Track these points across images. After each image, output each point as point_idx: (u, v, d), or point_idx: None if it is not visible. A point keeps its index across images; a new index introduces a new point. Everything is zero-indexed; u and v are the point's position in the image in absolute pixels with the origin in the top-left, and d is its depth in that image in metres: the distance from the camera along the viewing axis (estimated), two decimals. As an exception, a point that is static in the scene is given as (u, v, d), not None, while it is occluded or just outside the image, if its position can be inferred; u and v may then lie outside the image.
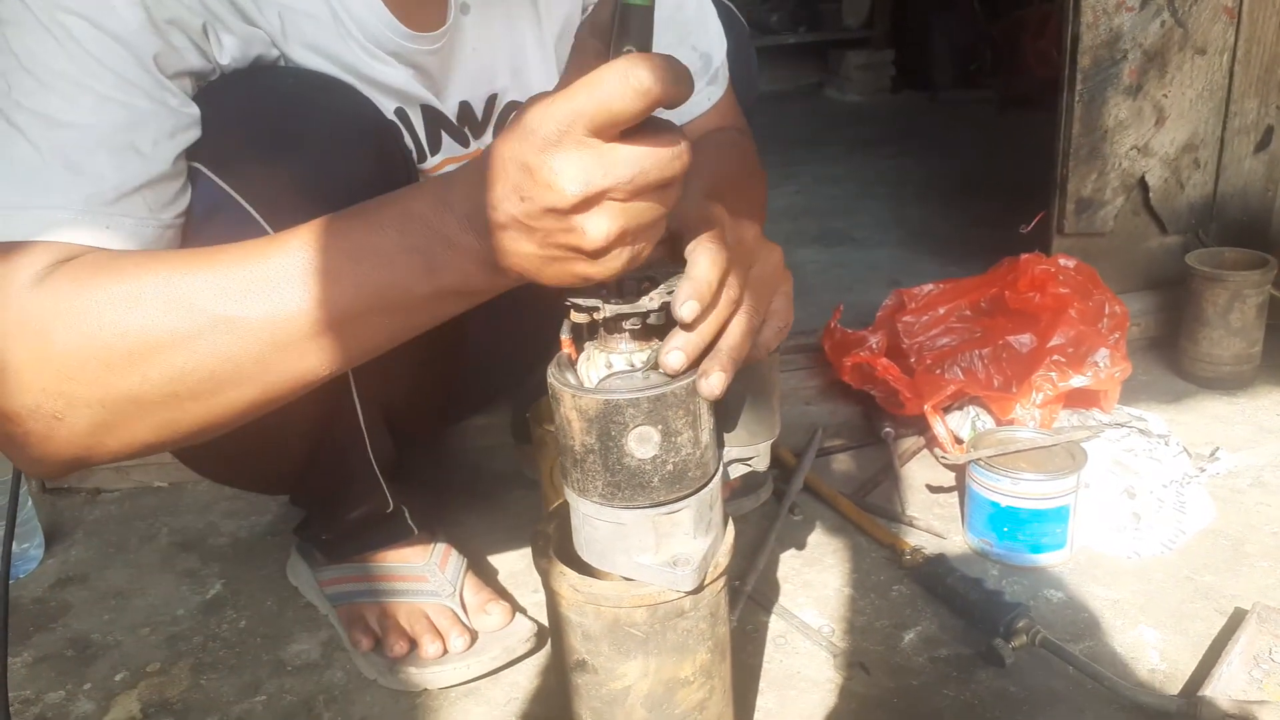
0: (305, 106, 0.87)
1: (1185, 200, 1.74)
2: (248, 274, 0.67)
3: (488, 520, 1.36)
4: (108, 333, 0.67)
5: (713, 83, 1.09)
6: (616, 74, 0.54)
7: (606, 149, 0.57)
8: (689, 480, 0.71)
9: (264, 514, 1.41)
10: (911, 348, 1.54)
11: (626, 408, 0.67)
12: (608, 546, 0.73)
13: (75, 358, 0.68)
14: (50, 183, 0.71)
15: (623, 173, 0.57)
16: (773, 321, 0.76)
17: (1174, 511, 1.24)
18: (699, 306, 0.64)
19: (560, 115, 0.56)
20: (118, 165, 0.72)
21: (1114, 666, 1.02)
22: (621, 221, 0.58)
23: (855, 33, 4.18)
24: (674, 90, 0.55)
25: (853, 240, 2.40)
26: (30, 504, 1.35)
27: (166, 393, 0.69)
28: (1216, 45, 1.65)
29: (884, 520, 1.29)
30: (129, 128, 0.73)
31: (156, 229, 0.75)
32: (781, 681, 1.04)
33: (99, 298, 0.67)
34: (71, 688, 1.10)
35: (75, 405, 0.69)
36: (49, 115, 0.71)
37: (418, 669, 1.06)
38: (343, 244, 0.66)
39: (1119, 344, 1.43)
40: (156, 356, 0.67)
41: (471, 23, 0.97)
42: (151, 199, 0.75)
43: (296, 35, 0.86)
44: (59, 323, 0.68)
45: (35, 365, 0.68)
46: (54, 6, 0.71)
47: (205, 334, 0.67)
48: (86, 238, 0.71)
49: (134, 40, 0.73)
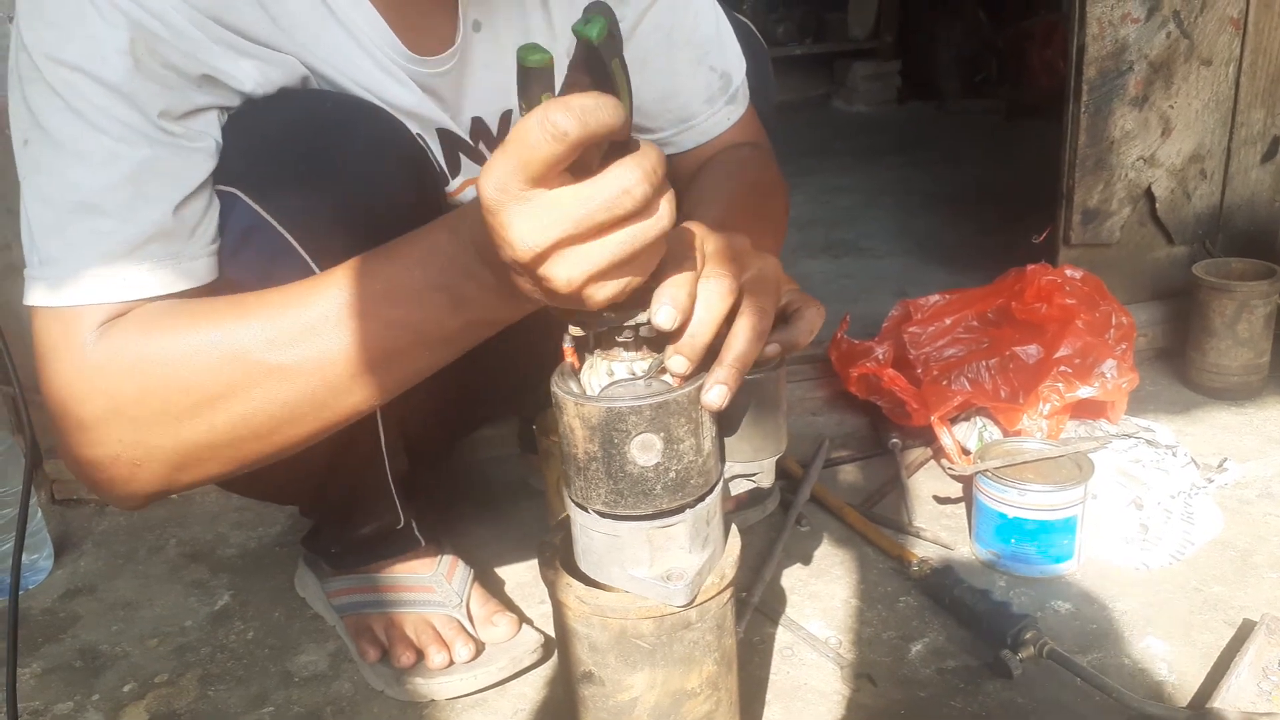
0: (342, 130, 0.86)
1: (1192, 211, 1.74)
2: (293, 322, 0.72)
3: (495, 531, 1.36)
4: (173, 389, 0.73)
5: (732, 102, 1.09)
6: (535, 122, 0.54)
7: (548, 198, 0.56)
8: (691, 488, 0.71)
9: (272, 525, 1.42)
10: (918, 358, 1.54)
11: (629, 415, 0.67)
12: (603, 558, 0.73)
13: (145, 412, 0.74)
14: (71, 243, 0.74)
15: (569, 217, 0.56)
16: (798, 324, 0.76)
17: (1182, 522, 1.23)
18: (674, 311, 0.64)
19: (498, 174, 0.56)
20: (129, 217, 0.75)
21: (1122, 678, 1.02)
22: (585, 265, 0.58)
23: (861, 44, 4.18)
24: (595, 125, 0.54)
25: (860, 250, 2.40)
26: (40, 515, 1.35)
27: (232, 436, 0.75)
28: (1222, 56, 1.65)
29: (891, 531, 1.29)
30: (139, 177, 0.75)
31: (181, 266, 0.78)
32: (788, 693, 1.04)
33: (160, 356, 0.73)
34: (80, 698, 1.11)
35: (151, 452, 0.76)
36: (63, 174, 0.74)
37: (424, 680, 1.06)
38: (376, 285, 0.70)
39: (1126, 354, 1.43)
40: (219, 406, 0.73)
41: (483, 39, 0.96)
42: (170, 240, 0.77)
43: (322, 56, 0.86)
44: (126, 381, 0.73)
45: (110, 420, 0.74)
46: (53, 62, 0.73)
47: (260, 383, 0.73)
48: (114, 292, 0.74)
49: (130, 88, 0.74)
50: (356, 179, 0.86)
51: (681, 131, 1.08)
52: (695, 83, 1.06)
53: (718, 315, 0.67)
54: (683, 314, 0.65)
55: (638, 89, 1.04)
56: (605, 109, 0.54)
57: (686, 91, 1.06)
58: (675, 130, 1.08)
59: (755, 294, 0.69)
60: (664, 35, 1.02)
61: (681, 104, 1.06)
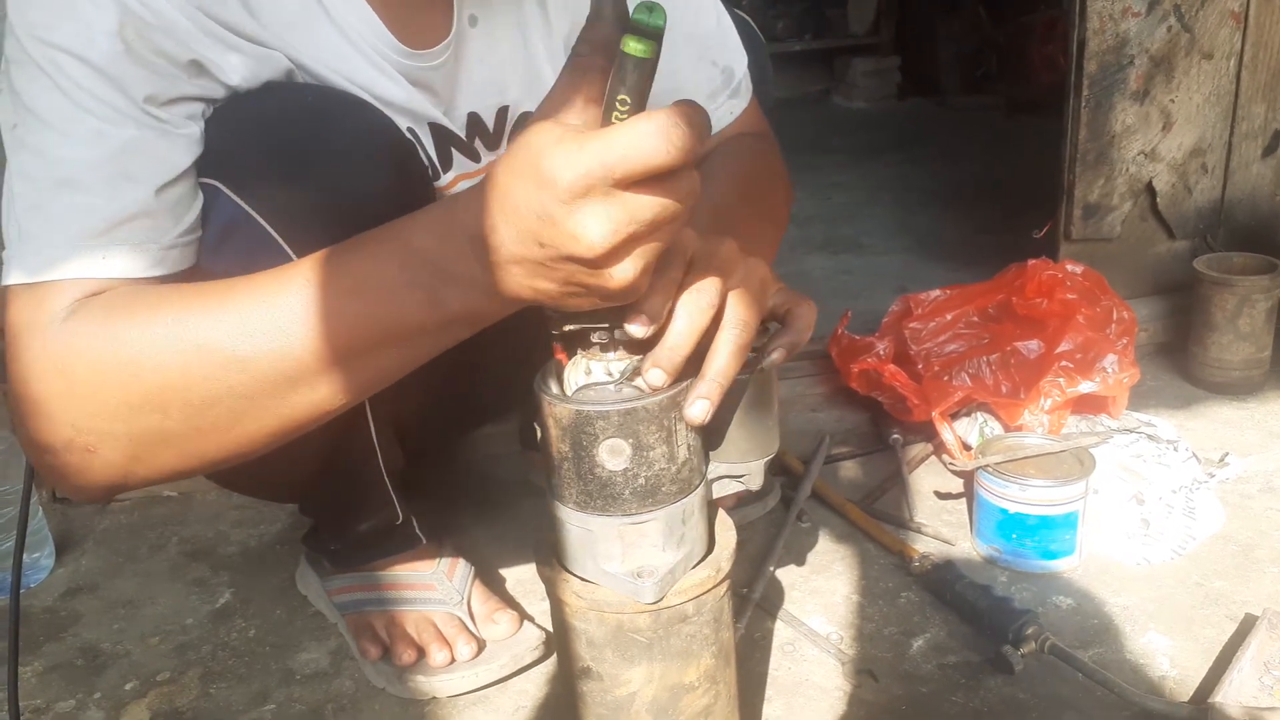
0: (326, 123, 0.86)
1: (1193, 205, 1.74)
2: (255, 314, 0.69)
3: (495, 528, 1.36)
4: (126, 374, 0.70)
5: (734, 96, 1.09)
6: (657, 132, 0.54)
7: (631, 201, 0.56)
8: (662, 495, 0.70)
9: (273, 523, 1.42)
10: (919, 354, 1.54)
11: (596, 419, 0.67)
12: (577, 551, 0.73)
13: (98, 397, 0.71)
14: (51, 219, 0.73)
15: (645, 219, 0.56)
16: (795, 324, 0.76)
17: (1183, 517, 1.23)
18: (647, 320, 0.64)
19: (588, 167, 0.54)
20: (111, 194, 0.74)
21: (1124, 673, 1.02)
22: (643, 261, 0.59)
23: (861, 39, 4.18)
24: (703, 145, 0.56)
25: (860, 247, 2.40)
26: (41, 514, 1.35)
27: (188, 428, 0.72)
28: (1223, 50, 1.64)
29: (892, 527, 1.29)
30: (122, 156, 0.74)
31: (158, 251, 0.76)
32: (789, 689, 1.04)
33: (117, 340, 0.70)
34: (82, 697, 1.11)
35: (105, 439, 0.72)
36: (47, 151, 0.73)
37: (426, 677, 1.06)
38: (344, 280, 0.68)
39: (1127, 349, 1.43)
40: (175, 395, 0.70)
41: (479, 34, 0.95)
42: (150, 222, 0.76)
43: (310, 53, 0.85)
44: (80, 363, 0.71)
45: (63, 402, 0.71)
46: (42, 44, 0.72)
47: (218, 374, 0.69)
48: (89, 269, 0.73)
49: (117, 70, 0.73)
50: (340, 172, 0.85)
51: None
52: (698, 78, 1.05)
53: (698, 328, 0.66)
54: (656, 324, 0.64)
55: None
56: (709, 131, 0.55)
57: (689, 88, 1.05)
58: None
59: (740, 304, 0.68)
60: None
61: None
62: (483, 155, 1.03)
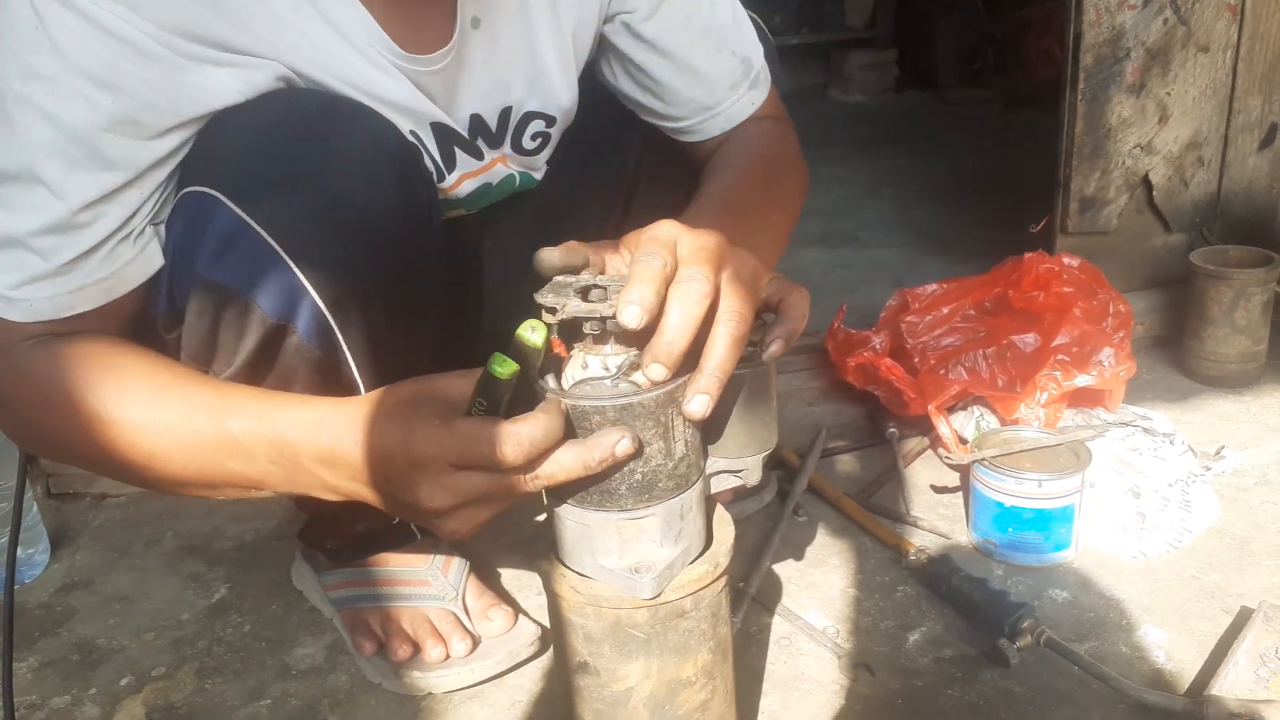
0: (327, 131, 0.84)
1: (1189, 198, 1.74)
2: (146, 417, 0.78)
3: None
4: (34, 417, 0.83)
5: (754, 86, 1.09)
6: (504, 437, 0.64)
7: (464, 479, 0.67)
8: (659, 491, 0.70)
9: (269, 518, 1.41)
10: (915, 348, 1.54)
11: (592, 414, 0.66)
12: (575, 546, 0.73)
13: (26, 430, 0.86)
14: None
15: (473, 496, 0.67)
16: (790, 313, 0.75)
17: (1179, 511, 1.23)
18: (640, 310, 0.63)
19: (441, 446, 0.65)
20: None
21: (1120, 666, 1.02)
22: (472, 522, 0.70)
23: (858, 33, 4.17)
24: (541, 462, 0.66)
25: (857, 240, 2.39)
26: (35, 509, 1.35)
27: (108, 471, 0.83)
28: (1219, 43, 1.64)
29: (888, 521, 1.29)
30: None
31: (72, 291, 0.80)
32: (786, 683, 1.04)
33: (44, 383, 0.80)
34: (77, 692, 1.11)
35: (40, 451, 0.95)
36: (9, 200, 0.77)
37: (421, 673, 1.06)
38: (229, 443, 0.77)
39: (1123, 343, 1.43)
40: (91, 458, 0.82)
41: (482, 35, 0.93)
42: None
43: (307, 58, 0.84)
44: (16, 385, 0.82)
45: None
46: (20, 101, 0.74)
47: (102, 448, 0.79)
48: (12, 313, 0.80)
49: (91, 135, 0.75)
50: (342, 181, 0.84)
51: (706, 120, 1.08)
52: (717, 70, 1.06)
53: (694, 319, 0.65)
54: (649, 313, 0.64)
55: (660, 78, 1.05)
56: (555, 448, 0.66)
57: (709, 79, 1.06)
58: (700, 118, 1.08)
59: (734, 295, 0.67)
60: (682, 24, 1.02)
61: (705, 92, 1.06)
62: (486, 153, 1.02)
